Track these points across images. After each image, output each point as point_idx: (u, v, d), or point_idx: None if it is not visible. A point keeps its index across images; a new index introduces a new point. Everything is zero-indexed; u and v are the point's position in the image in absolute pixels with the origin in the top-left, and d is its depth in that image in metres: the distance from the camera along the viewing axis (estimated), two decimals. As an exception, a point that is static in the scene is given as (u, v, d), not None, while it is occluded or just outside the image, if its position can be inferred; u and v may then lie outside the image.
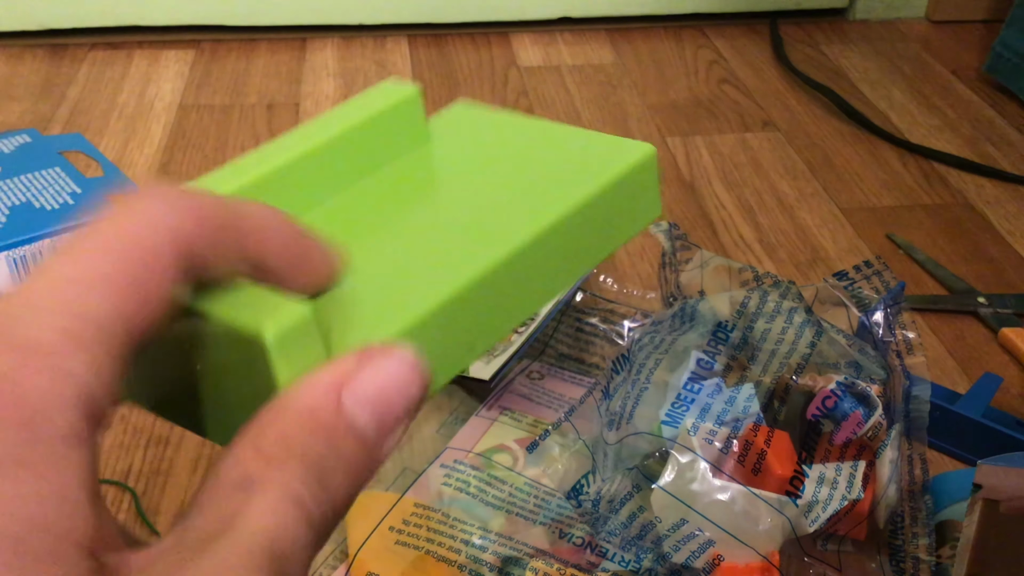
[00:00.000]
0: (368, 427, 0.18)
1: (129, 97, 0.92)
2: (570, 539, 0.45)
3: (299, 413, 0.17)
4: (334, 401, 0.18)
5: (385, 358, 0.18)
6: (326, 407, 0.17)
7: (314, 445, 0.17)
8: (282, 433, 0.17)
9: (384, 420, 0.18)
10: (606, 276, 0.64)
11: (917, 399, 0.47)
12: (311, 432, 0.17)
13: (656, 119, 0.90)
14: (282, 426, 0.17)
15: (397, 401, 0.18)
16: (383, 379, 0.18)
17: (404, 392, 0.18)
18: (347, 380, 0.18)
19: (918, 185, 0.82)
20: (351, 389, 0.18)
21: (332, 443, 0.17)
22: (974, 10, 1.12)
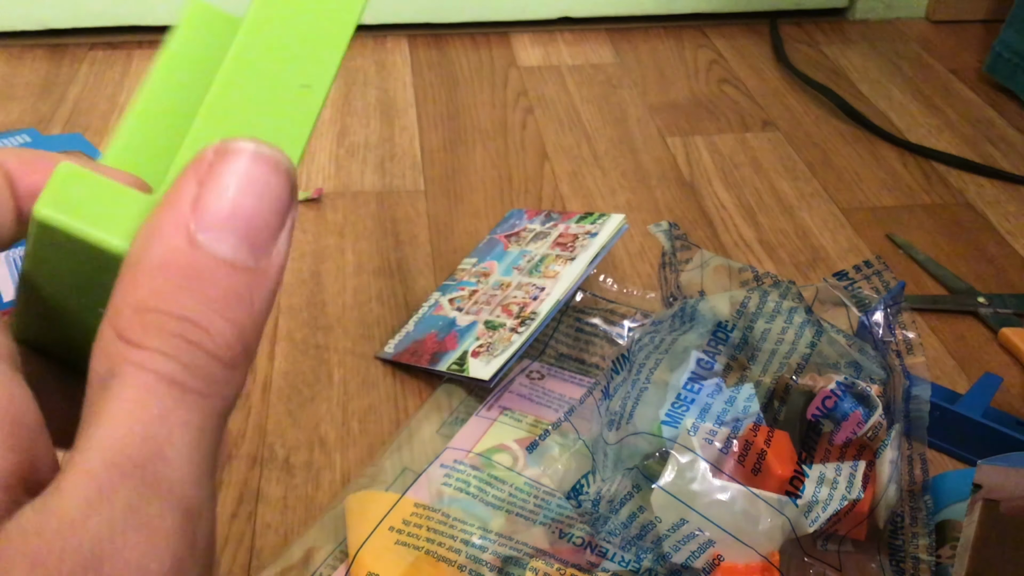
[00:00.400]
0: (239, 252, 0.15)
1: (129, 97, 0.92)
2: (570, 539, 0.45)
3: (150, 273, 0.15)
4: (185, 242, 0.15)
5: (223, 163, 0.15)
6: (178, 252, 0.15)
7: (174, 304, 0.15)
8: (137, 303, 0.15)
9: (256, 232, 0.15)
10: (606, 276, 0.64)
11: (917, 399, 0.47)
12: (168, 290, 0.15)
13: (656, 119, 0.90)
14: (136, 295, 0.15)
15: (260, 204, 0.15)
16: (231, 189, 0.15)
17: (262, 191, 0.15)
18: (192, 209, 0.15)
19: (918, 185, 0.82)
20: (200, 219, 0.15)
21: (196, 291, 0.15)
22: (974, 10, 1.12)
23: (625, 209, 0.77)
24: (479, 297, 0.61)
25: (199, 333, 0.15)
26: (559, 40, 1.06)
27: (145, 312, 0.15)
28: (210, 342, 0.15)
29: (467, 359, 0.55)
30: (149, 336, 0.15)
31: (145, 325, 0.15)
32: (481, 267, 0.65)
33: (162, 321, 0.15)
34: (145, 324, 0.15)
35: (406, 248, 0.71)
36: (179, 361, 0.15)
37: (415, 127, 0.88)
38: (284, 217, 0.16)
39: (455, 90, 0.95)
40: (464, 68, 1.00)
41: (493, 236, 0.69)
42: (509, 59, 1.02)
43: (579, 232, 0.62)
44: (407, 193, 0.78)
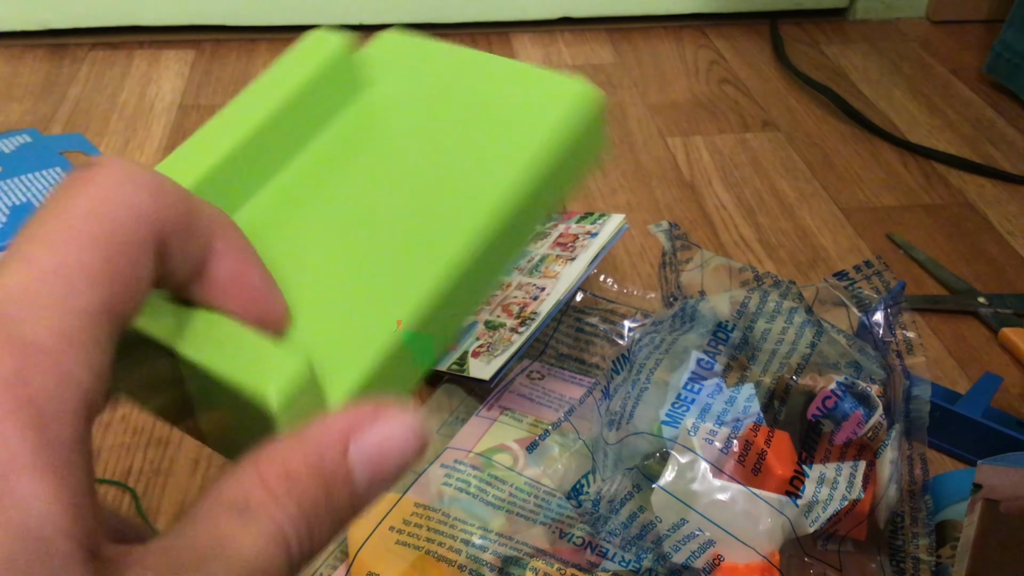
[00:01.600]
0: (362, 482, 0.19)
1: (129, 97, 0.92)
2: (570, 539, 0.45)
3: (307, 454, 0.18)
4: (341, 451, 0.18)
5: (393, 418, 0.19)
6: (333, 454, 0.18)
7: (312, 489, 0.18)
8: (287, 468, 0.18)
9: (377, 477, 0.19)
10: (606, 276, 0.64)
11: (917, 399, 0.47)
12: (314, 475, 0.18)
13: (656, 119, 0.90)
14: (289, 462, 0.18)
15: (393, 462, 0.19)
16: (387, 439, 0.19)
17: (401, 455, 0.19)
18: (356, 431, 0.18)
19: (918, 185, 0.82)
20: (358, 442, 0.18)
21: (329, 491, 0.18)
22: (974, 10, 1.12)
23: (625, 209, 0.77)
24: (479, 297, 0.61)
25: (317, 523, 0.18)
26: (559, 40, 1.06)
27: (293, 479, 0.18)
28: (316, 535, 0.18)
29: (467, 359, 0.55)
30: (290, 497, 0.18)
31: (290, 488, 0.18)
32: (481, 267, 0.65)
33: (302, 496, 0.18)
34: (290, 487, 0.18)
35: (406, 248, 0.71)
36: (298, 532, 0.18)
37: (415, 127, 0.88)
38: (398, 476, 0.19)
39: (455, 90, 0.95)
40: (464, 68, 1.00)
41: (493, 236, 0.69)
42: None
43: (579, 232, 0.62)
44: (407, 193, 0.78)
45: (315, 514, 0.18)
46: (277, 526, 0.17)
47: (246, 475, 0.18)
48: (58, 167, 0.77)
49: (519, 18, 1.07)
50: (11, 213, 0.71)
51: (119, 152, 0.83)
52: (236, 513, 0.17)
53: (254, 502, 0.17)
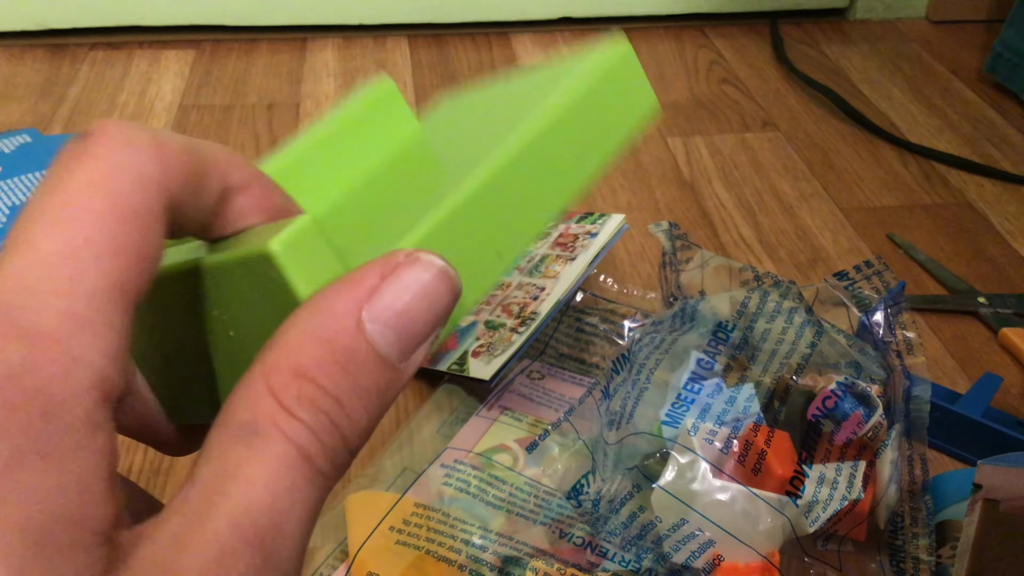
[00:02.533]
0: (392, 349, 0.16)
1: (129, 97, 0.92)
2: (570, 539, 0.45)
3: (316, 341, 0.16)
4: (354, 324, 0.16)
5: (409, 267, 0.16)
6: (345, 331, 0.16)
7: (330, 381, 0.16)
8: (295, 366, 0.16)
9: (410, 339, 0.16)
10: (606, 276, 0.64)
11: (917, 399, 0.47)
12: (327, 364, 0.16)
13: (656, 119, 0.90)
14: (297, 356, 0.16)
15: (424, 316, 0.16)
16: (408, 293, 0.16)
17: (432, 305, 0.16)
18: (368, 297, 0.16)
19: (918, 185, 0.82)
20: (373, 308, 0.16)
21: (351, 374, 0.16)
22: (974, 10, 1.12)
23: (625, 209, 0.77)
24: (479, 297, 0.61)
25: (343, 418, 0.16)
26: (559, 40, 1.06)
27: (304, 379, 0.16)
28: (348, 429, 0.16)
29: (467, 359, 0.55)
30: (302, 406, 0.15)
31: (300, 393, 0.16)
32: (481, 267, 0.65)
33: (317, 395, 0.16)
34: (300, 392, 0.16)
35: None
36: (320, 440, 0.16)
37: (415, 127, 0.88)
38: (436, 331, 0.17)
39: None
40: (464, 68, 1.00)
41: (493, 236, 0.69)
42: (509, 59, 1.02)
43: (579, 232, 0.62)
44: (407, 193, 0.78)
45: (339, 411, 0.16)
46: (292, 445, 0.15)
47: (252, 386, 0.16)
48: (58, 167, 0.77)
49: (519, 18, 1.07)
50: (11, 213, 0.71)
51: (119, 152, 0.83)
52: (243, 438, 0.15)
53: (263, 419, 0.15)
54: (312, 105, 0.92)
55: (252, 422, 0.15)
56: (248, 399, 0.16)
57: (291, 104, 0.92)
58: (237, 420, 0.16)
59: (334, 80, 0.97)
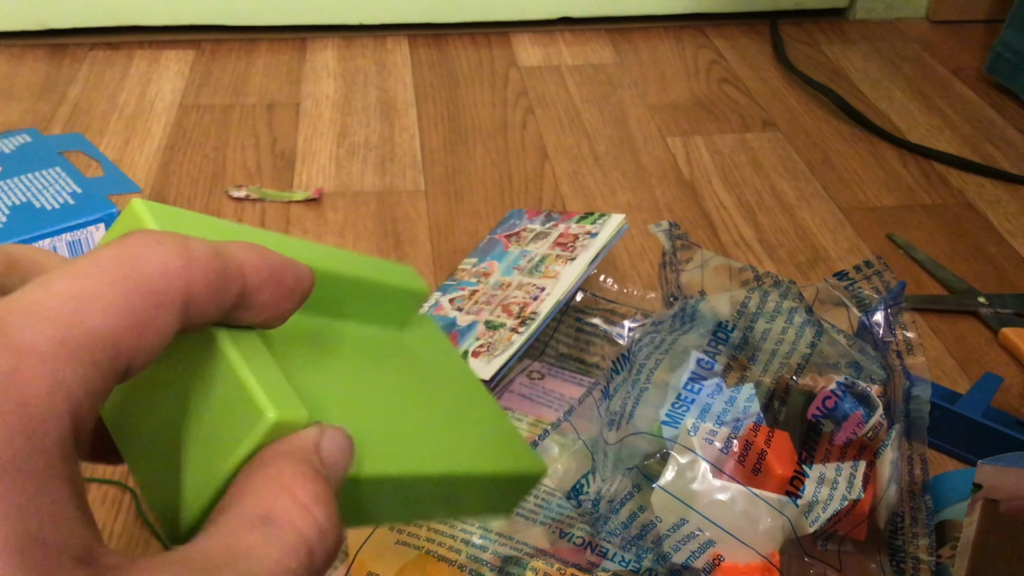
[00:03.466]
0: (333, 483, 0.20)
1: (129, 97, 0.92)
2: (570, 539, 0.45)
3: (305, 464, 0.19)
4: (317, 457, 0.20)
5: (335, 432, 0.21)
6: (314, 460, 0.19)
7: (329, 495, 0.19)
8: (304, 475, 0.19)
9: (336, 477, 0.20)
10: (606, 276, 0.64)
11: (917, 399, 0.47)
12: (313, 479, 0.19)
13: (656, 119, 0.90)
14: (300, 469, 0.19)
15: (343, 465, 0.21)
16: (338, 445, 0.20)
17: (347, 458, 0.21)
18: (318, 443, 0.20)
19: (918, 185, 0.82)
20: (322, 450, 0.20)
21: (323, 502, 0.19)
22: (974, 10, 1.12)
23: (625, 209, 0.77)
24: (479, 297, 0.61)
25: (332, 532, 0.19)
26: (559, 40, 1.06)
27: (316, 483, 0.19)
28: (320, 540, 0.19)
29: (468, 359, 0.55)
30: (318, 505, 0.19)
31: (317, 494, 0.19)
32: (481, 267, 0.65)
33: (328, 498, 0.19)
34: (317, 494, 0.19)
35: (406, 248, 0.71)
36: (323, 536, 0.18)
37: (415, 127, 0.88)
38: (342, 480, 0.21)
39: (455, 90, 0.95)
40: (464, 68, 1.00)
41: (493, 236, 0.69)
42: (509, 59, 1.02)
43: (579, 232, 0.62)
44: (407, 193, 0.78)
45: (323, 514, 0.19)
46: (302, 536, 0.18)
47: (266, 487, 0.18)
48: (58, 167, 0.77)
49: (519, 18, 1.07)
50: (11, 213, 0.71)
51: (119, 152, 0.83)
52: (258, 525, 0.18)
53: (278, 513, 0.18)
54: (312, 105, 0.92)
55: (267, 513, 0.18)
56: (262, 496, 0.18)
57: (291, 104, 0.92)
58: (250, 512, 0.18)
59: (334, 80, 0.97)
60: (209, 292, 0.19)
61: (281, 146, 0.85)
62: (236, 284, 0.19)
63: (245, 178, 0.80)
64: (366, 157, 0.83)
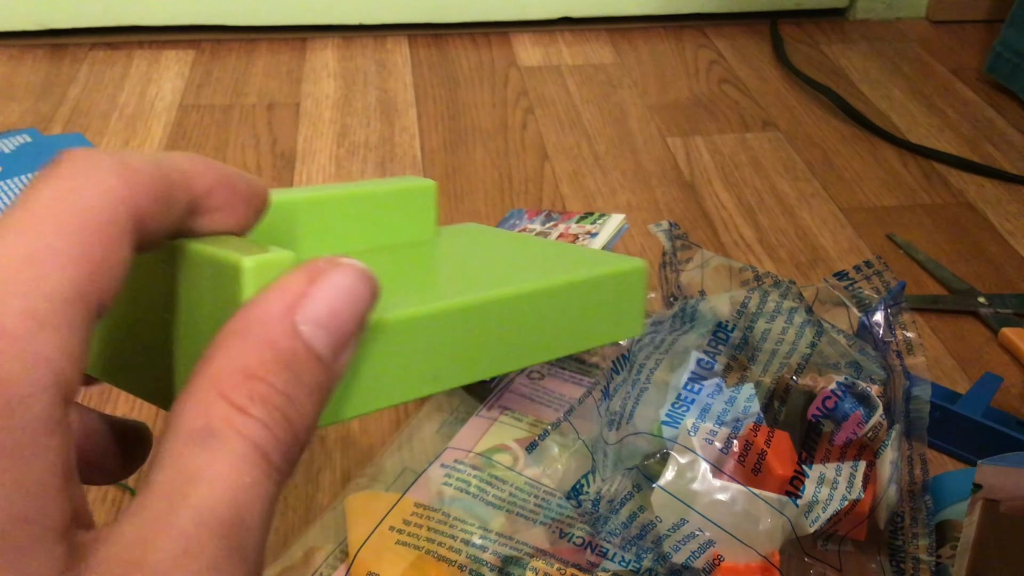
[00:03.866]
0: (325, 349, 0.17)
1: (129, 97, 0.92)
2: (570, 539, 0.45)
3: (258, 344, 0.17)
4: (290, 326, 0.17)
5: (332, 272, 0.18)
6: (283, 334, 0.17)
7: (277, 380, 0.17)
8: (243, 369, 0.16)
9: (339, 337, 0.17)
10: (606, 276, 0.64)
11: (917, 399, 0.47)
12: (272, 364, 0.17)
13: (656, 119, 0.90)
14: (242, 359, 0.17)
15: (350, 315, 0.18)
16: (334, 295, 0.17)
17: (356, 305, 0.18)
18: (299, 300, 0.17)
19: (918, 185, 0.82)
20: (304, 311, 0.17)
21: (296, 373, 0.17)
22: (974, 10, 1.12)
23: (625, 209, 0.77)
24: (479, 297, 0.61)
25: (295, 413, 0.17)
26: (559, 40, 1.06)
27: (253, 379, 0.16)
28: (299, 424, 0.17)
29: (467, 359, 0.55)
30: (255, 404, 0.16)
31: (252, 392, 0.16)
32: (481, 267, 0.65)
33: (268, 392, 0.16)
34: (252, 391, 0.16)
35: (406, 248, 0.71)
36: (275, 436, 0.16)
37: (415, 127, 0.88)
38: (360, 326, 0.18)
39: (455, 90, 0.95)
40: (464, 68, 1.00)
41: (493, 236, 0.69)
42: (509, 59, 1.02)
43: (579, 232, 0.62)
44: (407, 193, 0.78)
45: (290, 407, 0.17)
46: (249, 442, 0.16)
47: (202, 393, 0.16)
48: (58, 167, 0.77)
49: (519, 18, 1.07)
50: (11, 213, 0.71)
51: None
52: (199, 442, 0.16)
53: (217, 422, 0.16)
54: (312, 105, 0.92)
55: (207, 426, 0.16)
56: (199, 405, 0.16)
57: (291, 104, 0.92)
58: (189, 427, 0.16)
59: (334, 80, 0.97)
60: (157, 205, 0.18)
61: (281, 146, 0.85)
62: (183, 191, 0.18)
63: (245, 178, 0.80)
64: (366, 157, 0.83)
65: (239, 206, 0.20)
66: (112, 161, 0.17)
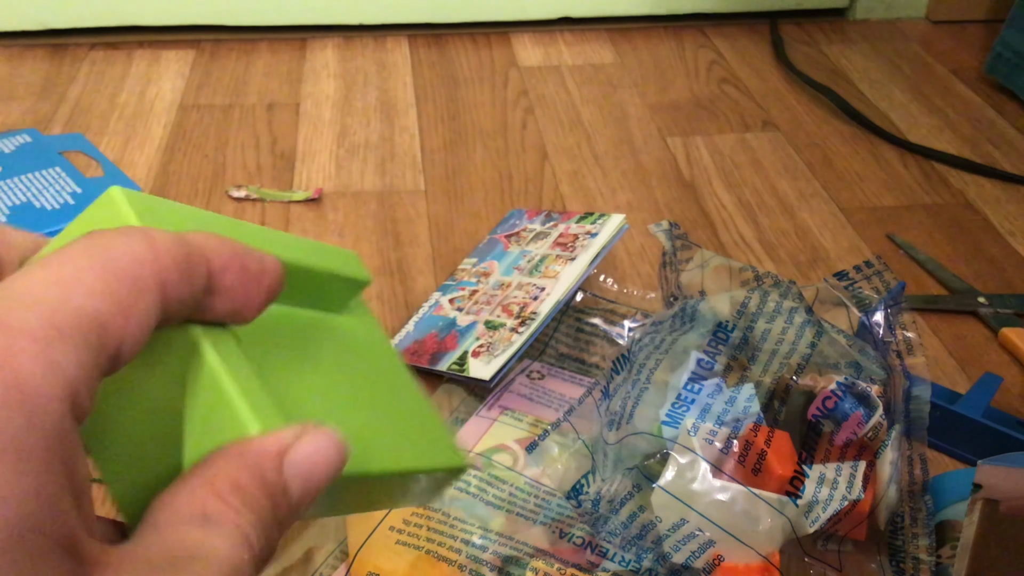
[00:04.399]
0: (296, 493, 0.20)
1: (129, 97, 0.92)
2: (570, 539, 0.45)
3: (250, 469, 0.19)
4: (278, 466, 0.20)
5: (317, 435, 0.21)
6: (271, 469, 0.20)
7: (261, 500, 0.19)
8: (236, 481, 0.19)
9: (308, 489, 0.20)
10: (606, 276, 0.64)
11: (917, 399, 0.47)
12: (260, 488, 0.19)
13: (656, 119, 0.90)
14: (236, 475, 0.19)
15: (321, 474, 0.20)
16: (314, 454, 0.20)
17: (327, 467, 0.21)
18: (287, 449, 0.20)
19: (918, 185, 0.82)
20: (290, 459, 0.20)
21: (272, 502, 0.19)
22: (974, 10, 1.12)
23: (625, 209, 0.77)
24: (479, 297, 0.61)
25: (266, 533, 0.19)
26: (559, 40, 1.06)
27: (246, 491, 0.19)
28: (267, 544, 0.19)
29: (467, 359, 0.55)
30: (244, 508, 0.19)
31: (242, 499, 0.19)
32: (481, 267, 0.65)
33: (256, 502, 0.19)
34: (242, 499, 0.19)
35: (406, 248, 0.71)
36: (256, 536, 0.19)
37: (415, 127, 0.88)
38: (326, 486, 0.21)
39: (455, 90, 0.95)
40: (464, 68, 1.00)
41: (493, 236, 0.69)
42: (509, 59, 1.02)
43: (579, 232, 0.62)
44: (407, 193, 0.78)
45: (265, 521, 0.19)
46: (241, 531, 0.19)
47: (199, 489, 0.19)
48: (58, 167, 0.77)
49: (519, 18, 1.07)
50: (11, 213, 0.71)
51: (119, 152, 0.83)
52: (199, 523, 0.18)
53: (214, 512, 0.19)
54: (312, 105, 0.92)
55: (203, 512, 0.18)
56: (196, 496, 0.19)
57: (291, 104, 0.92)
58: (188, 511, 0.18)
59: (334, 80, 0.97)
60: (180, 275, 0.19)
61: (281, 146, 0.85)
62: (201, 266, 0.19)
63: (245, 178, 0.80)
64: (366, 157, 0.83)
65: (251, 288, 0.21)
66: (140, 233, 0.18)
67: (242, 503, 0.19)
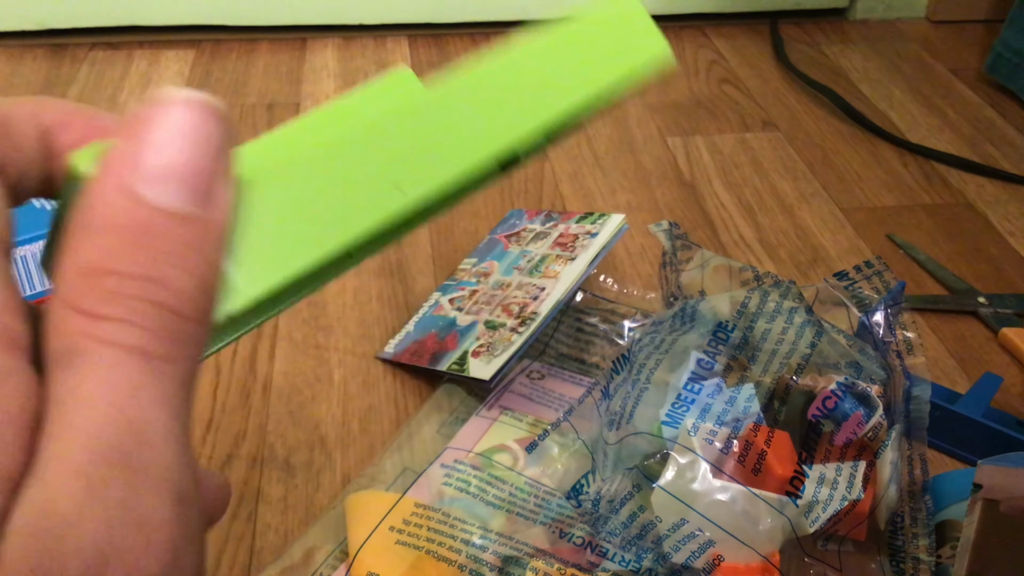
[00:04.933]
0: (182, 201, 0.15)
1: (129, 97, 0.92)
2: (570, 539, 0.45)
3: (97, 234, 0.14)
4: (128, 199, 0.14)
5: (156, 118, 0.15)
6: (124, 211, 0.14)
7: (129, 265, 0.14)
8: (88, 267, 0.14)
9: (197, 182, 0.15)
10: (606, 276, 0.64)
11: (917, 399, 0.47)
12: (119, 250, 0.14)
13: (656, 119, 0.90)
14: (86, 257, 0.14)
15: (200, 154, 0.15)
16: (168, 139, 0.15)
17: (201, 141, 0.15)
18: (129, 163, 0.15)
19: (918, 185, 0.82)
20: (140, 174, 0.14)
21: (150, 247, 0.14)
22: (974, 10, 1.12)
23: (625, 209, 0.77)
24: (479, 297, 0.61)
25: (160, 290, 0.14)
26: (559, 40, 1.06)
27: (99, 276, 0.14)
28: (173, 298, 0.14)
29: (467, 359, 0.55)
30: (108, 304, 0.14)
31: (101, 291, 0.14)
32: (481, 267, 0.65)
33: (119, 284, 0.14)
34: (101, 290, 0.14)
35: (406, 248, 0.71)
36: (144, 327, 0.14)
37: (415, 127, 0.88)
38: (222, 162, 0.15)
39: (455, 90, 0.95)
40: (464, 68, 1.00)
41: (493, 236, 0.69)
42: (509, 59, 1.02)
43: (579, 232, 0.62)
44: (407, 193, 0.78)
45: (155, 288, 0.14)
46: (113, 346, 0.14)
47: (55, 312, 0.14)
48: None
49: (519, 18, 1.07)
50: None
51: (119, 152, 0.83)
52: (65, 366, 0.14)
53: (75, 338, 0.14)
54: (312, 105, 0.92)
55: (66, 346, 0.14)
56: (54, 327, 0.14)
57: (291, 104, 0.92)
58: (54, 353, 0.14)
59: (334, 80, 0.97)
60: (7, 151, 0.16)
61: (281, 146, 0.85)
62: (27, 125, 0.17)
63: (245, 178, 0.80)
64: (366, 157, 0.83)
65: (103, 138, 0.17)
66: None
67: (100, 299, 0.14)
